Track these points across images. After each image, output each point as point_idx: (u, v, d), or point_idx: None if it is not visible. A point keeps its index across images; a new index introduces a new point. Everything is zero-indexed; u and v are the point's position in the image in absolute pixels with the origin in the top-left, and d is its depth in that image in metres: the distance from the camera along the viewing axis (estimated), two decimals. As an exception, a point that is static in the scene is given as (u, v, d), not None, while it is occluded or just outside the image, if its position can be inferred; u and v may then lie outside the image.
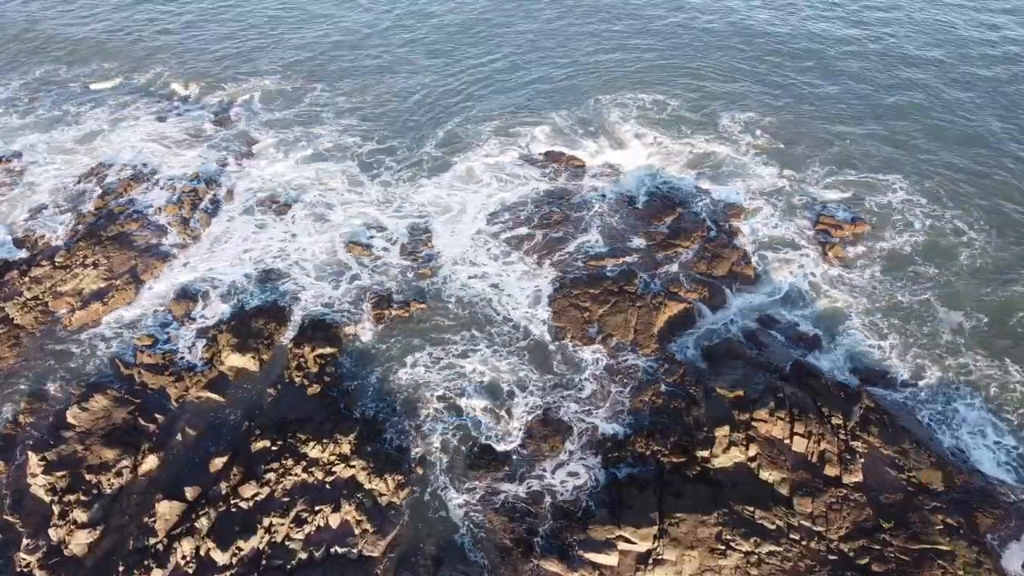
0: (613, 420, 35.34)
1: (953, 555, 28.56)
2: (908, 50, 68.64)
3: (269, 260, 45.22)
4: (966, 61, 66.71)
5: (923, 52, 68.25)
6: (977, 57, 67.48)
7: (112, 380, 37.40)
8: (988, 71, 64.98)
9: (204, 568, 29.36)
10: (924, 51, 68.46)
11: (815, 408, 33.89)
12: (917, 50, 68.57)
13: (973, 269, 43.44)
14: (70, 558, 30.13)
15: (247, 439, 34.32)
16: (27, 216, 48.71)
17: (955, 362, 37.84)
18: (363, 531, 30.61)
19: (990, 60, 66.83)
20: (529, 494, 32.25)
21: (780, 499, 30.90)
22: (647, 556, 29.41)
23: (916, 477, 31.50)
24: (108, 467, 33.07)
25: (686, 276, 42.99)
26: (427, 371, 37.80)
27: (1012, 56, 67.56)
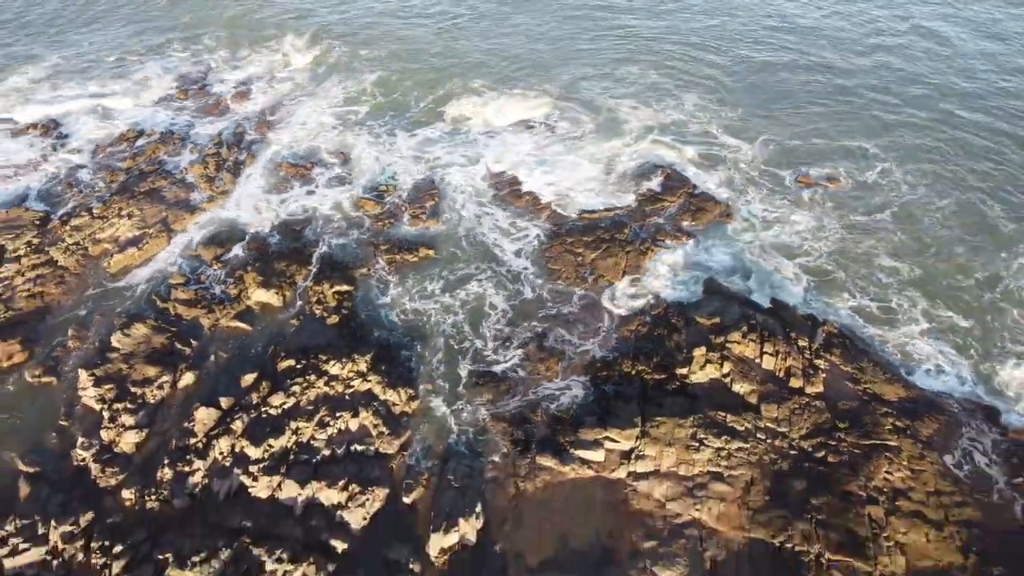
0: (603, 347, 39.19)
1: (899, 449, 32.38)
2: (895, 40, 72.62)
3: (289, 212, 49.19)
4: (948, 47, 70.66)
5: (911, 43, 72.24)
6: (951, 37, 71.42)
7: (150, 313, 41.37)
8: (963, 61, 68.85)
9: (239, 461, 33.27)
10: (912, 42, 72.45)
11: (783, 332, 37.74)
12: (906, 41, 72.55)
13: (930, 234, 46.88)
14: (119, 454, 34.07)
15: (273, 360, 38.26)
16: (66, 174, 52.68)
17: (903, 302, 41.68)
18: (379, 433, 34.51)
19: (965, 44, 70.72)
20: (526, 405, 36.11)
21: (749, 407, 34.75)
22: (630, 453, 33.24)
23: (871, 389, 35.37)
24: (150, 382, 37.05)
25: (671, 226, 46.88)
26: (434, 304, 41.73)
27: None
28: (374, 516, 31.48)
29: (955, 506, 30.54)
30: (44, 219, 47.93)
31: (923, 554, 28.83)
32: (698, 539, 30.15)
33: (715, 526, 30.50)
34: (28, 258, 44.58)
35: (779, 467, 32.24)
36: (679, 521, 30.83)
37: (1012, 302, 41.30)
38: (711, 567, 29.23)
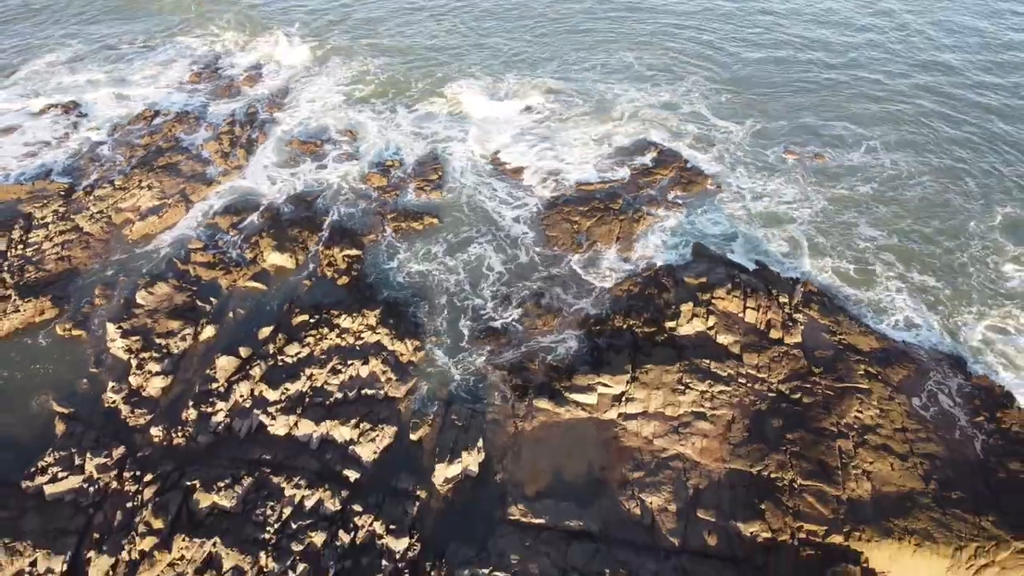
0: (596, 305, 41.78)
1: (870, 392, 34.95)
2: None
3: (301, 185, 51.82)
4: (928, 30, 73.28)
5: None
6: (943, 27, 74.06)
7: (171, 274, 43.97)
8: (949, 38, 71.44)
9: (258, 403, 35.88)
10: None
11: (765, 289, 40.32)
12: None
13: (907, 205, 49.46)
14: (147, 397, 36.68)
15: (288, 315, 40.86)
16: (87, 150, 55.32)
17: (879, 265, 44.27)
18: (387, 379, 37.12)
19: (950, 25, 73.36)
20: (524, 356, 38.69)
21: (732, 356, 37.33)
22: (620, 396, 35.81)
23: (846, 339, 37.96)
24: (174, 334, 39.67)
25: (663, 196, 49.48)
26: (438, 266, 44.35)
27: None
28: (383, 451, 34.08)
29: (919, 441, 33.12)
30: (68, 190, 50.55)
31: (887, 481, 31.39)
32: (682, 470, 32.73)
33: (698, 459, 33.07)
34: (55, 225, 47.19)
35: (758, 407, 34.82)
36: (665, 455, 33.40)
37: (979, 266, 43.90)
38: (693, 494, 31.80)
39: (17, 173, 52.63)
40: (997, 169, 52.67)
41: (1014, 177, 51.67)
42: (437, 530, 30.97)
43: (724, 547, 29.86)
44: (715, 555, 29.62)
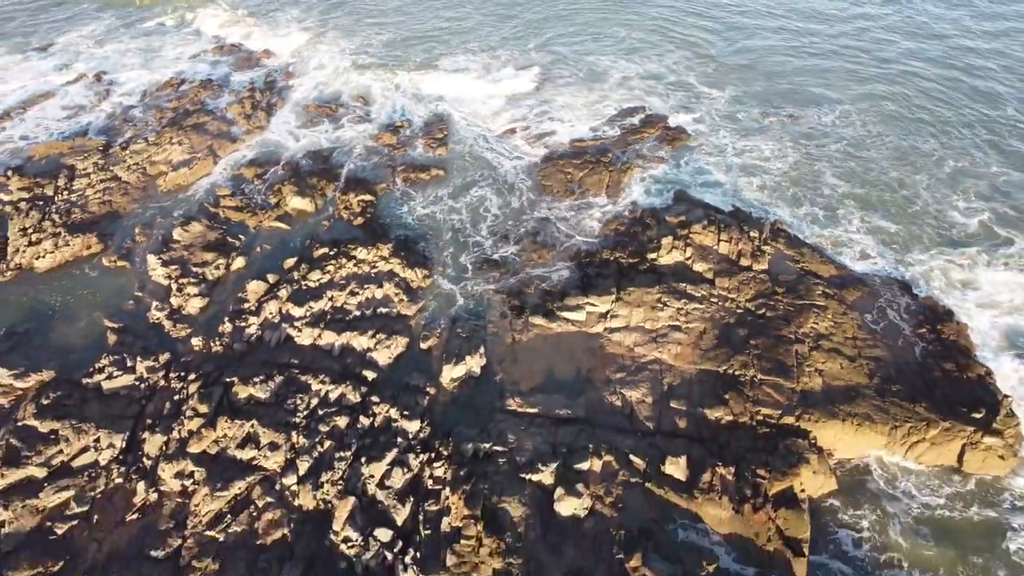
0: (587, 242, 46.41)
1: (826, 308, 39.56)
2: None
3: (318, 142, 56.54)
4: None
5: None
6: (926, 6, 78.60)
7: (203, 216, 48.69)
8: (934, 27, 75.98)
9: (286, 319, 40.57)
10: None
11: (738, 226, 44.93)
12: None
13: (872, 160, 54.02)
14: (187, 315, 41.41)
15: (310, 249, 45.52)
16: (120, 112, 60.10)
17: (843, 209, 48.87)
18: (400, 300, 41.81)
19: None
20: (521, 282, 43.34)
21: (706, 280, 41.95)
22: (606, 314, 40.43)
23: (808, 267, 42.58)
24: (208, 264, 44.41)
25: (649, 151, 54.12)
26: (443, 208, 49.07)
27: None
28: (397, 357, 38.75)
29: (867, 347, 37.73)
30: (106, 146, 55.33)
31: (836, 377, 36.01)
32: (658, 371, 37.35)
33: (673, 363, 37.70)
34: (96, 175, 51.98)
35: (727, 321, 39.44)
36: (644, 360, 38.04)
37: (929, 213, 48.39)
38: (667, 389, 36.42)
39: (58, 132, 57.44)
40: (953, 131, 57.13)
41: (968, 137, 56.17)
42: (444, 417, 35.60)
43: (692, 429, 34.50)
44: (684, 435, 34.25)
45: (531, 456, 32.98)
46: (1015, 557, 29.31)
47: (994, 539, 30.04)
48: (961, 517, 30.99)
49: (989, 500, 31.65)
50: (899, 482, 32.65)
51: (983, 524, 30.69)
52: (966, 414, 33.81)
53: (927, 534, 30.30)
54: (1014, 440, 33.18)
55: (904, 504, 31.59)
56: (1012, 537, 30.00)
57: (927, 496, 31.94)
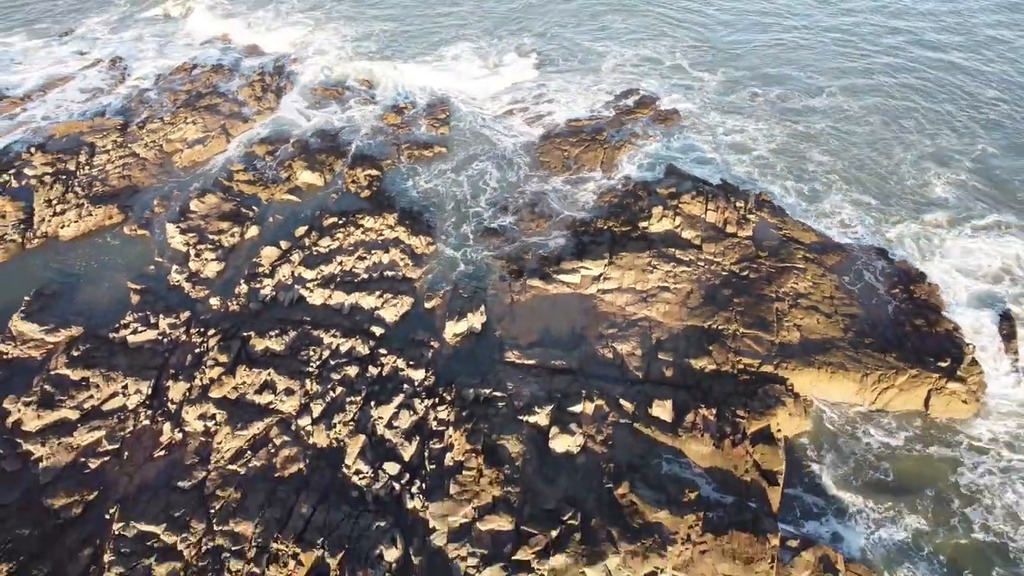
0: (582, 211, 48.97)
1: (805, 270, 42.12)
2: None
3: (326, 122, 59.15)
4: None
5: None
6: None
7: (217, 190, 51.28)
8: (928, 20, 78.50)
9: (298, 281, 43.14)
10: None
11: (725, 196, 47.50)
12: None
13: (855, 140, 56.53)
14: (205, 278, 43.99)
15: (320, 219, 48.10)
16: (136, 95, 62.71)
17: (826, 184, 51.39)
18: (405, 264, 44.39)
19: None
20: (520, 249, 45.89)
21: (693, 246, 44.51)
22: (599, 276, 42.96)
23: (790, 234, 45.12)
24: (224, 232, 47.00)
25: (642, 130, 56.68)
26: (446, 182, 51.68)
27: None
28: (403, 315, 41.31)
29: (843, 305, 40.29)
30: (123, 125, 57.92)
31: (813, 331, 38.56)
32: (648, 327, 39.90)
33: (661, 320, 40.25)
34: (115, 151, 54.58)
35: (712, 282, 41.99)
36: (634, 317, 40.58)
37: (905, 188, 50.82)
38: (656, 342, 38.98)
39: (78, 112, 60.02)
40: (935, 111, 59.60)
41: (945, 118, 58.65)
42: (447, 368, 38.13)
43: (678, 377, 37.05)
44: (670, 383, 36.79)
45: (528, 401, 35.54)
46: (963, 490, 31.89)
47: (947, 475, 32.59)
48: (919, 455, 33.56)
49: (946, 441, 34.19)
50: (865, 425, 35.19)
51: (938, 462, 33.25)
52: (933, 363, 36.37)
53: (886, 469, 32.88)
54: (977, 387, 35.74)
55: (868, 444, 34.17)
56: (963, 472, 32.57)
57: (888, 437, 34.49)
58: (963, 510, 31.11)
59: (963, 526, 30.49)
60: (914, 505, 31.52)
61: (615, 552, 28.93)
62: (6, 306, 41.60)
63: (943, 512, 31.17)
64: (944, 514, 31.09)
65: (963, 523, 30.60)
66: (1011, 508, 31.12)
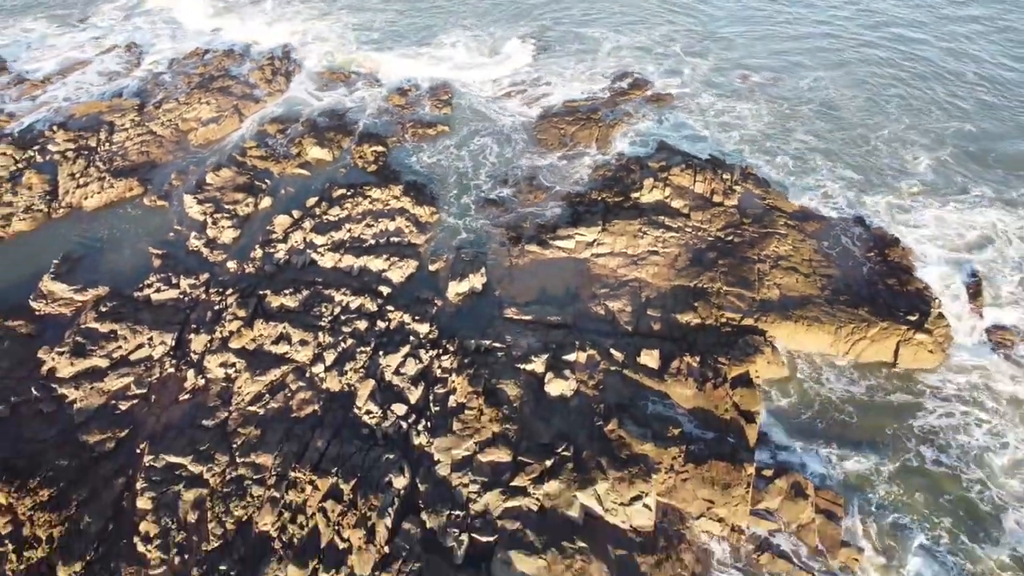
0: (577, 184, 51.66)
1: (787, 235, 44.78)
2: None
3: (334, 103, 61.83)
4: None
5: None
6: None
7: (232, 164, 53.99)
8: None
9: (310, 246, 45.85)
10: None
11: (712, 168, 50.16)
12: None
13: (839, 120, 59.17)
14: (221, 244, 46.71)
15: (329, 191, 50.80)
16: (151, 77, 65.46)
17: (810, 160, 54.05)
18: (410, 231, 47.08)
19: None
20: (518, 218, 48.58)
21: (682, 214, 47.19)
22: (592, 242, 45.64)
23: (773, 203, 47.78)
24: (239, 202, 49.72)
25: (636, 110, 59.35)
26: (448, 157, 54.40)
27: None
28: (408, 277, 44.00)
29: (821, 267, 42.96)
30: (140, 106, 60.68)
31: (792, 289, 41.23)
32: (638, 287, 42.59)
33: (651, 280, 42.93)
34: (133, 129, 57.33)
35: (699, 247, 44.67)
36: (625, 278, 43.27)
37: (885, 164, 53.41)
38: (645, 300, 41.66)
39: (97, 93, 62.76)
40: (914, 94, 62.18)
41: (926, 99, 61.25)
42: (450, 323, 40.83)
43: (665, 330, 39.75)
44: (658, 336, 39.48)
45: (525, 351, 38.24)
46: (919, 431, 34.61)
47: (906, 418, 35.28)
48: (881, 401, 36.28)
49: (907, 390, 36.87)
50: (834, 373, 37.88)
51: (899, 407, 35.96)
52: (902, 316, 39.05)
53: (851, 412, 35.63)
54: (943, 339, 38.41)
55: (836, 390, 36.89)
56: (921, 416, 35.27)
57: (853, 386, 37.19)
58: (919, 447, 33.82)
59: (918, 460, 33.22)
60: (875, 443, 34.22)
61: (604, 479, 31.62)
62: (36, 269, 44.37)
63: (900, 448, 33.88)
64: (901, 450, 33.80)
65: (918, 458, 33.32)
66: (964, 447, 33.82)
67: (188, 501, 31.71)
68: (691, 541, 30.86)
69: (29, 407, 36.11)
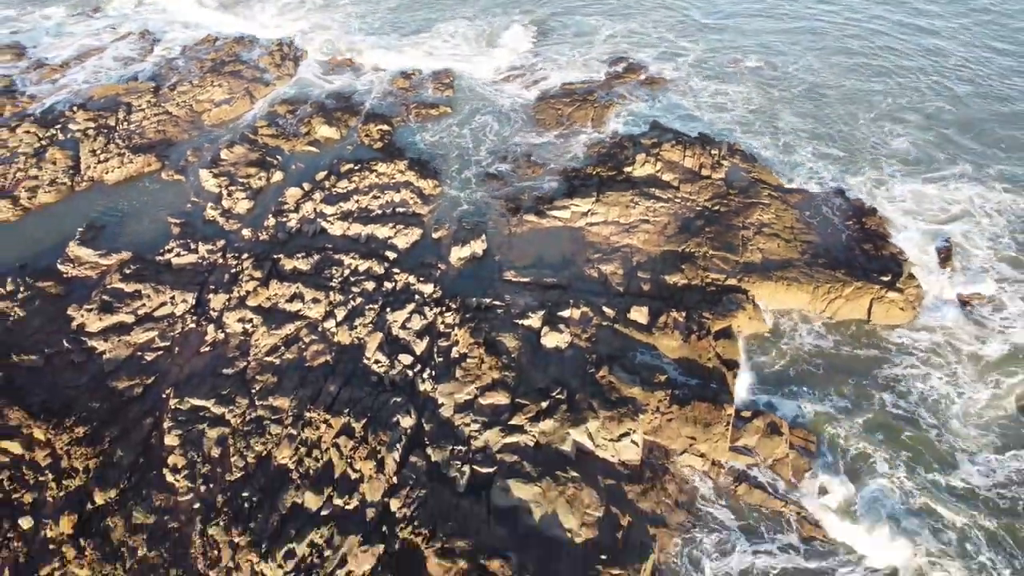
0: (573, 160, 54.33)
1: (770, 205, 47.42)
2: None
3: (341, 86, 64.55)
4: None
5: None
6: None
7: (244, 142, 56.71)
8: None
9: (320, 216, 48.56)
10: None
11: (701, 144, 52.83)
12: None
13: (826, 102, 61.83)
14: (236, 214, 49.43)
15: (337, 166, 53.50)
16: (165, 63, 68.19)
17: (797, 140, 56.70)
18: (415, 202, 49.78)
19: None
20: (516, 191, 51.28)
21: (672, 187, 49.86)
22: (587, 212, 48.31)
23: (759, 176, 50.43)
24: (252, 175, 52.45)
25: (630, 92, 62.05)
26: (450, 135, 57.11)
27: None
28: (413, 243, 46.68)
29: (802, 233, 45.62)
30: (156, 88, 63.41)
31: (774, 253, 43.91)
32: (629, 252, 45.27)
33: (641, 246, 45.60)
34: (149, 109, 60.07)
35: (687, 215, 47.35)
36: (617, 244, 45.94)
37: (869, 144, 55.97)
38: (636, 264, 44.35)
39: (114, 77, 65.51)
40: (898, 80, 64.83)
41: (912, 82, 63.90)
42: (453, 285, 43.50)
43: (654, 290, 42.44)
44: (647, 295, 42.16)
45: (523, 308, 40.93)
46: (882, 380, 37.31)
47: (871, 370, 37.97)
48: (848, 354, 38.97)
49: (874, 345, 39.48)
50: (808, 327, 40.56)
51: (864, 359, 38.62)
52: (876, 277, 41.71)
53: (819, 364, 38.35)
54: (914, 297, 41.07)
55: (808, 344, 39.58)
56: (885, 369, 37.93)
57: (823, 340, 39.85)
58: (880, 394, 36.56)
59: (879, 404, 35.97)
60: (841, 390, 36.93)
61: (595, 418, 34.32)
62: (62, 236, 47.11)
63: (864, 394, 36.63)
64: (864, 396, 36.56)
65: (879, 403, 36.06)
66: (923, 395, 36.50)
67: (212, 438, 34.41)
68: (675, 474, 33.56)
69: (61, 358, 38.85)
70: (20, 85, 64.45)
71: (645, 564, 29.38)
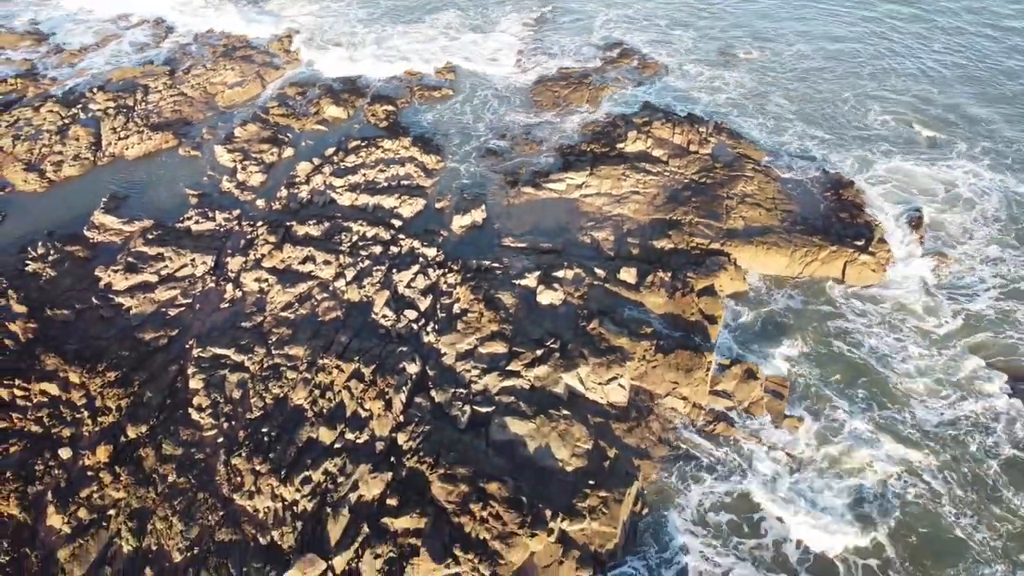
0: (569, 138, 57.26)
1: (753, 178, 50.35)
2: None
3: (348, 72, 67.47)
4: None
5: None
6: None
7: (257, 121, 59.67)
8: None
9: (329, 187, 51.54)
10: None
11: (689, 122, 55.77)
12: None
13: (816, 88, 64.75)
14: (251, 186, 52.42)
15: (345, 143, 56.47)
16: (179, 48, 71.16)
17: (786, 122, 59.58)
18: (418, 175, 52.74)
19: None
20: (515, 165, 54.21)
21: (661, 162, 52.79)
22: (581, 184, 51.24)
23: (744, 152, 53.35)
24: (264, 151, 55.42)
25: (624, 76, 64.94)
26: (452, 114, 60.02)
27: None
28: (417, 213, 49.65)
29: (783, 203, 48.54)
30: (171, 72, 66.39)
31: (756, 220, 46.83)
32: (620, 221, 48.19)
33: (631, 215, 48.53)
34: (166, 91, 63.05)
35: (675, 187, 50.28)
36: (609, 214, 48.88)
37: (854, 127, 58.85)
38: (626, 231, 47.29)
39: (132, 61, 68.48)
40: (886, 64, 67.63)
41: (893, 67, 66.85)
42: (454, 250, 46.45)
43: (643, 254, 45.39)
44: (636, 259, 45.11)
45: (520, 270, 43.88)
46: (835, 330, 40.52)
47: (828, 323, 41.04)
48: (812, 310, 41.99)
49: (836, 303, 42.42)
50: (781, 290, 43.54)
51: (825, 316, 41.57)
52: (850, 241, 44.64)
53: (792, 320, 41.37)
54: (884, 260, 43.99)
55: (778, 301, 42.59)
56: (841, 324, 40.99)
57: (796, 299, 42.84)
58: (835, 341, 39.87)
59: (835, 350, 39.38)
60: (801, 338, 40.09)
61: (585, 364, 37.27)
62: (87, 206, 50.11)
63: (821, 341, 40.03)
64: (821, 342, 39.93)
65: (835, 349, 39.46)
66: (873, 348, 39.55)
67: (232, 382, 37.39)
68: (659, 414, 36.53)
69: (91, 313, 41.86)
70: (42, 68, 67.46)
71: (629, 490, 32.33)
